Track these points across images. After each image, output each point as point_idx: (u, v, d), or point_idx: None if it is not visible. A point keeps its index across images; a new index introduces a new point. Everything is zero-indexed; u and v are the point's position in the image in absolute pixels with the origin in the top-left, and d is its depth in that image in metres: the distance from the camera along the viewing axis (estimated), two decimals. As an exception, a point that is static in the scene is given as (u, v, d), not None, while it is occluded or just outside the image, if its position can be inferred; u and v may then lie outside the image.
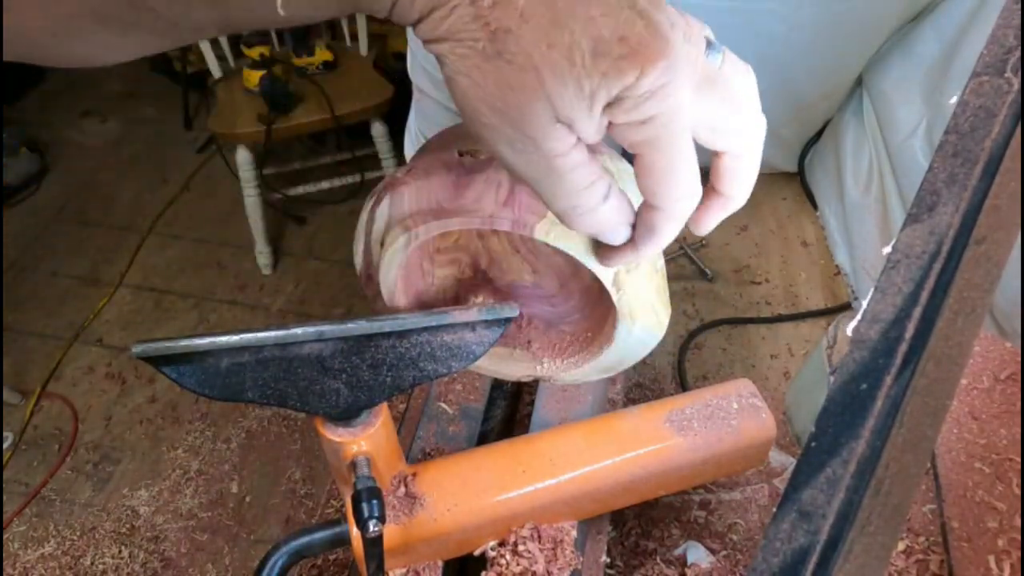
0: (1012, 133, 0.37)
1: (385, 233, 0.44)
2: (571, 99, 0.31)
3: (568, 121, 0.32)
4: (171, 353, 0.40)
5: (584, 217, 0.35)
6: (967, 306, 0.34)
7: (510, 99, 0.31)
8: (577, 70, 0.30)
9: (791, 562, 0.27)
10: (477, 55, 0.31)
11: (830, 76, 1.80)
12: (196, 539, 1.54)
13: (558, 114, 0.31)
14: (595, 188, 0.34)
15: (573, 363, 0.53)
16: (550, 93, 0.31)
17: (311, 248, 2.15)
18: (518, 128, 0.32)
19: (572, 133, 0.32)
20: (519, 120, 0.31)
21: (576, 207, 0.34)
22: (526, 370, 0.54)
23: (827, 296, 1.87)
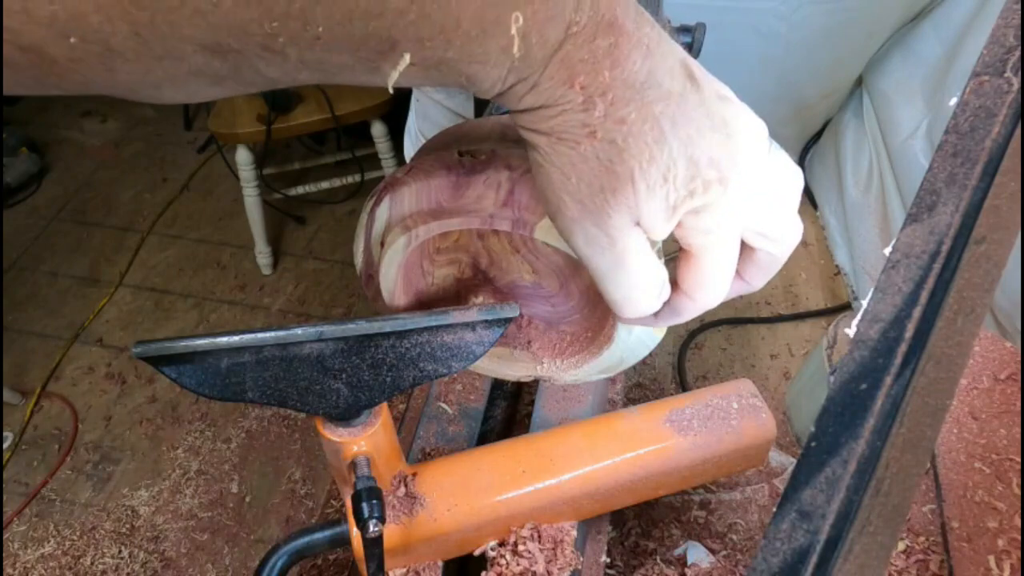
0: (1012, 133, 0.37)
1: (385, 233, 0.44)
2: (656, 210, 0.32)
3: (648, 227, 0.33)
4: (171, 353, 0.40)
5: (635, 307, 0.37)
6: (967, 306, 0.34)
7: (599, 200, 0.32)
8: (668, 186, 0.32)
9: (791, 562, 0.27)
10: (576, 155, 0.32)
11: (830, 76, 1.80)
12: (196, 539, 1.54)
13: (641, 219, 0.33)
14: (653, 286, 0.36)
15: (573, 363, 0.53)
16: (639, 202, 0.32)
17: (311, 248, 2.15)
18: (599, 226, 0.33)
19: (646, 237, 0.34)
20: (601, 219, 0.33)
21: (631, 299, 0.36)
22: (526, 370, 0.54)
23: (827, 296, 1.87)
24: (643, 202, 0.32)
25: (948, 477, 0.72)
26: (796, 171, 0.37)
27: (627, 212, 0.32)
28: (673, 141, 0.31)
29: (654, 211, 0.32)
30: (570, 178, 0.32)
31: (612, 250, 0.34)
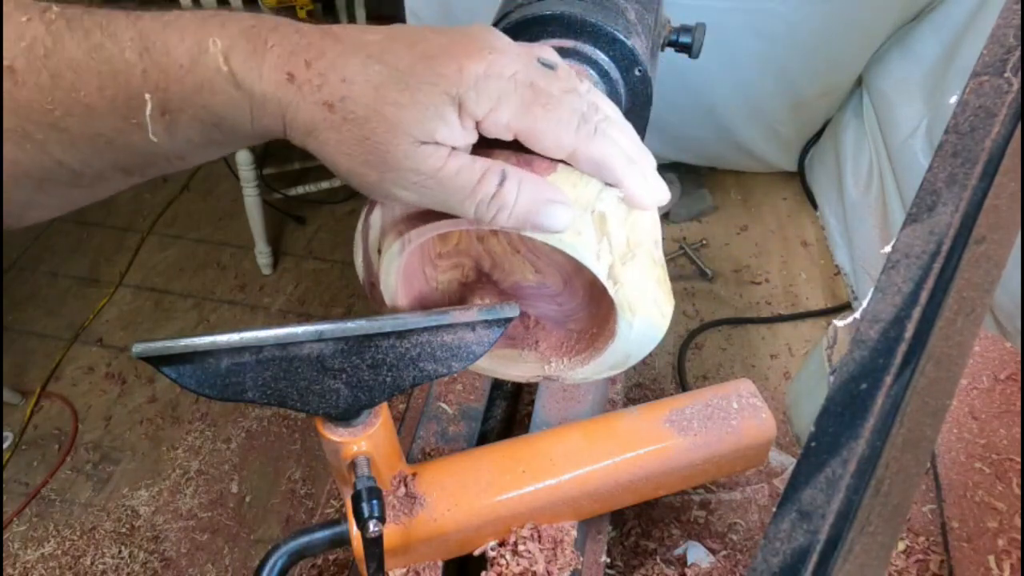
0: (1012, 133, 0.37)
1: (381, 240, 0.44)
2: (417, 118, 0.35)
3: (429, 138, 0.35)
4: (171, 353, 0.40)
5: (493, 209, 0.38)
6: (967, 306, 0.34)
7: (370, 148, 0.35)
8: (409, 91, 0.35)
9: (791, 562, 0.27)
10: (333, 131, 0.35)
11: (830, 76, 1.80)
12: (196, 539, 1.54)
13: (416, 137, 0.35)
14: (487, 179, 0.37)
15: (580, 361, 0.52)
16: (397, 122, 0.35)
17: (311, 248, 2.15)
18: (392, 168, 0.36)
19: (441, 147, 0.36)
20: (388, 161, 0.35)
21: (480, 203, 0.37)
22: (534, 371, 0.54)
23: (827, 296, 1.87)
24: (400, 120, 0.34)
25: (948, 477, 0.72)
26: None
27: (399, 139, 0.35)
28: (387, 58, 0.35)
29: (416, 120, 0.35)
30: (346, 152, 0.36)
31: (420, 177, 0.36)
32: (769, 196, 2.14)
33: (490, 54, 0.36)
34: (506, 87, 0.36)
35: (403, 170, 0.36)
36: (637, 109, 0.59)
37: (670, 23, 0.67)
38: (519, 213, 0.38)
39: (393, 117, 0.34)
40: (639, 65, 0.56)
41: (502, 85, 0.36)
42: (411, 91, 0.35)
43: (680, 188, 2.11)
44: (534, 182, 0.38)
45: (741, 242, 2.02)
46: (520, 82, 0.36)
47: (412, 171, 0.36)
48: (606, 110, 0.41)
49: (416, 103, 0.34)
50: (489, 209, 0.37)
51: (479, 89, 0.35)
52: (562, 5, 0.55)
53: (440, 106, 0.35)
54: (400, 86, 0.35)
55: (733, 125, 1.91)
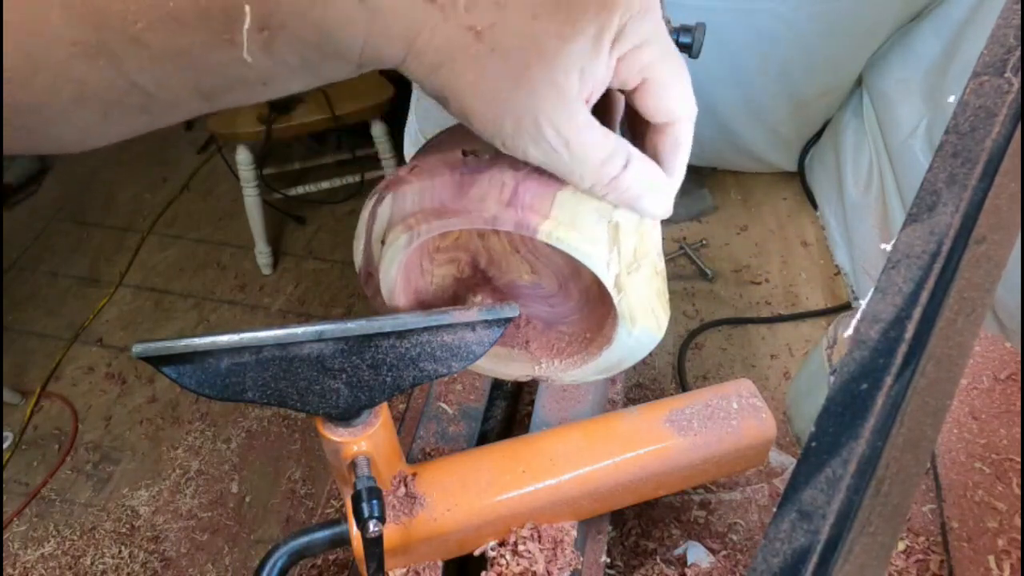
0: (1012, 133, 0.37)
1: (386, 232, 0.44)
2: (574, 51, 0.31)
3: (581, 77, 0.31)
4: (171, 353, 0.40)
5: (609, 188, 0.36)
6: (967, 306, 0.34)
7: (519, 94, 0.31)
8: (571, 22, 0.30)
9: (791, 562, 0.27)
10: (473, 63, 0.31)
11: (830, 76, 1.80)
12: (196, 539, 1.54)
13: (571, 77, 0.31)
14: (614, 159, 0.35)
15: (571, 363, 0.52)
16: (556, 57, 0.30)
17: (311, 248, 2.15)
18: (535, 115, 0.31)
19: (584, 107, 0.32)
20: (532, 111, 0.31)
21: (599, 181, 0.35)
22: (524, 370, 0.54)
23: (827, 296, 1.87)
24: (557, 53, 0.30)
25: (948, 477, 0.72)
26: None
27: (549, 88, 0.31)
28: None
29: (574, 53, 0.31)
30: (487, 93, 0.31)
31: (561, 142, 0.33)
32: (769, 196, 2.14)
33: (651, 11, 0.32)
34: (652, 32, 0.33)
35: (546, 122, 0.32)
36: (637, 109, 0.59)
37: (670, 23, 0.67)
38: (629, 196, 0.37)
39: (551, 53, 0.30)
40: (639, 65, 0.56)
41: (649, 28, 0.32)
42: (573, 21, 0.30)
43: (680, 188, 2.11)
44: (652, 169, 0.37)
45: (741, 242, 2.02)
46: (662, 32, 0.33)
47: (553, 127, 0.32)
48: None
49: (578, 35, 0.30)
50: (606, 187, 0.36)
51: (637, 24, 0.32)
52: (562, 5, 0.55)
53: (599, 40, 0.31)
54: (562, 16, 0.30)
55: (733, 125, 1.91)
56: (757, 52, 1.66)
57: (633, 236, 0.42)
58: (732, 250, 2.00)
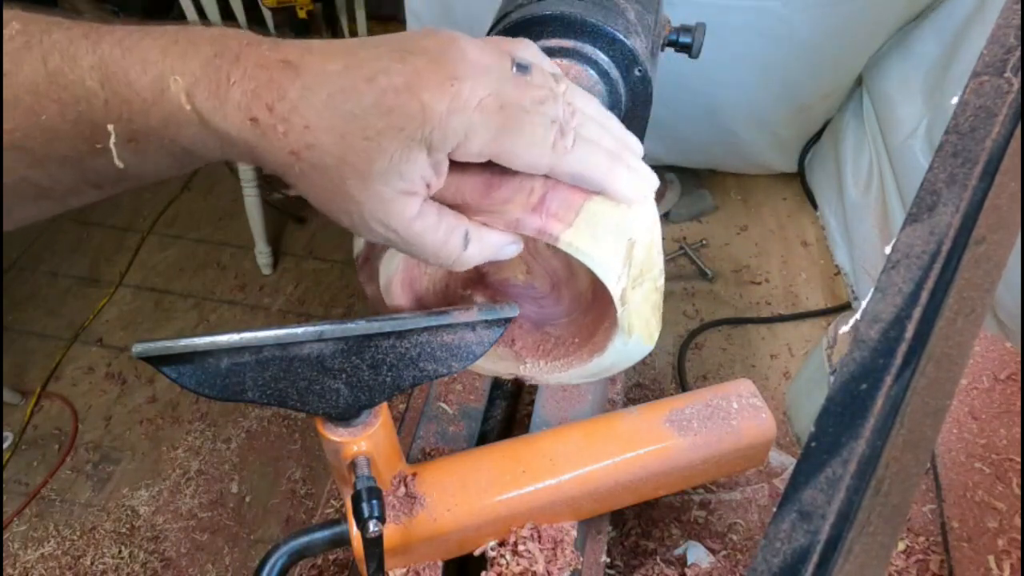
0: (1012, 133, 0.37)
1: None
2: (386, 167, 0.33)
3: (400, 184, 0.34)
4: (171, 353, 0.40)
5: (455, 265, 0.39)
6: (967, 306, 0.34)
7: (342, 196, 0.34)
8: (375, 140, 0.33)
9: (791, 562, 0.27)
10: (303, 177, 0.34)
11: (830, 76, 1.80)
12: (196, 539, 1.54)
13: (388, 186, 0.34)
14: (452, 242, 0.37)
15: (557, 366, 0.53)
16: (366, 173, 0.33)
17: (311, 248, 2.15)
18: (363, 217, 0.35)
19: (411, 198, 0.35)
20: (360, 210, 0.35)
21: (443, 261, 0.38)
22: (508, 368, 0.54)
23: (827, 296, 1.87)
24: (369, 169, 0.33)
25: (948, 477, 0.72)
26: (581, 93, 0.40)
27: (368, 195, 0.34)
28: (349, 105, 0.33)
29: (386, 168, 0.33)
30: (320, 198, 0.35)
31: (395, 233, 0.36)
32: (769, 196, 2.14)
33: (453, 84, 0.33)
34: (473, 118, 0.34)
35: (374, 221, 0.35)
36: (637, 109, 0.59)
37: (670, 23, 0.67)
38: (475, 260, 0.39)
39: (362, 168, 0.33)
40: (639, 65, 0.56)
41: (467, 118, 0.33)
42: (377, 139, 0.33)
43: (680, 188, 2.11)
44: (492, 238, 0.39)
45: (741, 242, 2.02)
46: (489, 108, 0.34)
47: (381, 224, 0.35)
48: (584, 108, 0.39)
49: (383, 152, 0.33)
50: (452, 262, 0.38)
51: (444, 127, 0.33)
52: (562, 5, 0.55)
53: (408, 151, 0.33)
54: (366, 133, 0.33)
55: (733, 126, 1.91)
56: (758, 52, 1.66)
57: (643, 252, 0.43)
58: (732, 250, 2.00)
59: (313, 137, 0.33)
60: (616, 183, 0.39)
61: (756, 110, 1.87)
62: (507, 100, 0.35)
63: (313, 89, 0.33)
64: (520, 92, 0.35)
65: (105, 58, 0.33)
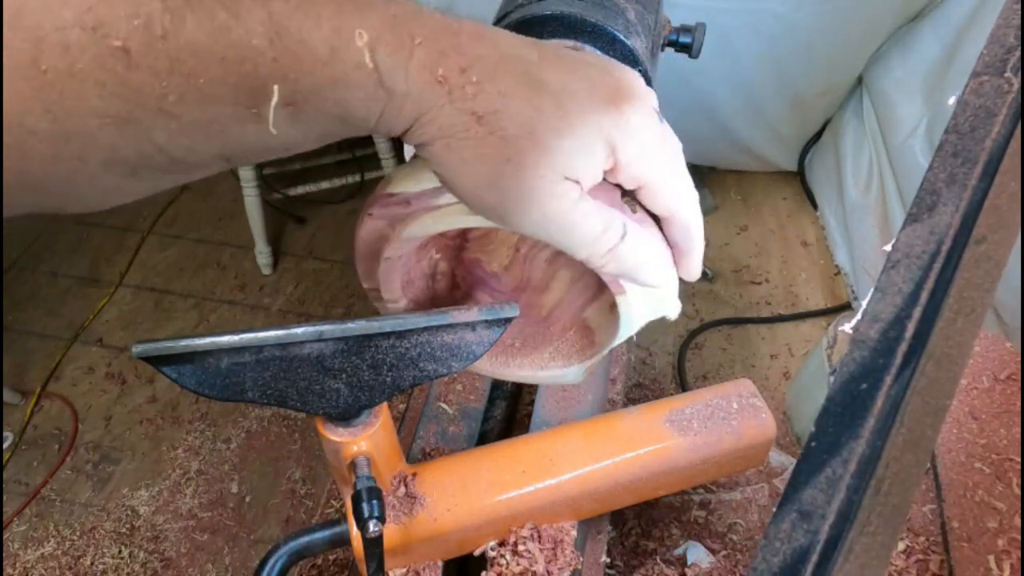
0: (1012, 133, 0.37)
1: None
2: (572, 149, 0.33)
3: (574, 173, 0.34)
4: (171, 353, 0.40)
5: (606, 260, 0.37)
6: (967, 306, 0.34)
7: (509, 170, 0.33)
8: (569, 121, 0.33)
9: (791, 562, 0.27)
10: (471, 142, 0.33)
11: (830, 76, 1.80)
12: (196, 539, 1.54)
13: (563, 170, 0.33)
14: (609, 232, 0.36)
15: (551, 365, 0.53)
16: (548, 149, 0.33)
17: (311, 248, 2.15)
18: (521, 197, 0.34)
19: (574, 187, 0.34)
20: (522, 188, 0.33)
21: (595, 253, 0.37)
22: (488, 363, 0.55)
23: (827, 296, 1.87)
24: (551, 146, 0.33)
25: (948, 477, 0.72)
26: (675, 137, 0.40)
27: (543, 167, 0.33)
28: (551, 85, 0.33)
29: (568, 151, 0.33)
30: (478, 170, 0.33)
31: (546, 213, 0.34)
32: (769, 196, 2.14)
33: (642, 104, 0.35)
34: (651, 140, 0.36)
35: (532, 203, 0.34)
36: (637, 109, 0.59)
37: (670, 23, 0.67)
38: (627, 268, 0.38)
39: (547, 143, 0.32)
40: (639, 65, 0.56)
41: (649, 137, 0.35)
42: (572, 121, 0.33)
43: (680, 188, 2.11)
44: (648, 242, 0.38)
45: (741, 242, 2.02)
46: (660, 136, 0.36)
47: (539, 207, 0.34)
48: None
49: (575, 134, 0.33)
50: (603, 259, 0.37)
51: (633, 136, 0.34)
52: (562, 5, 0.55)
53: (595, 143, 0.34)
54: (562, 113, 0.33)
55: (733, 125, 1.91)
56: (757, 52, 1.66)
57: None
58: (732, 250, 2.00)
59: (504, 103, 0.32)
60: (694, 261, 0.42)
61: (756, 109, 1.87)
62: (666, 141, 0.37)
63: (510, 62, 0.33)
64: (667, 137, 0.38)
65: (275, 12, 0.31)
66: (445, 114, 0.32)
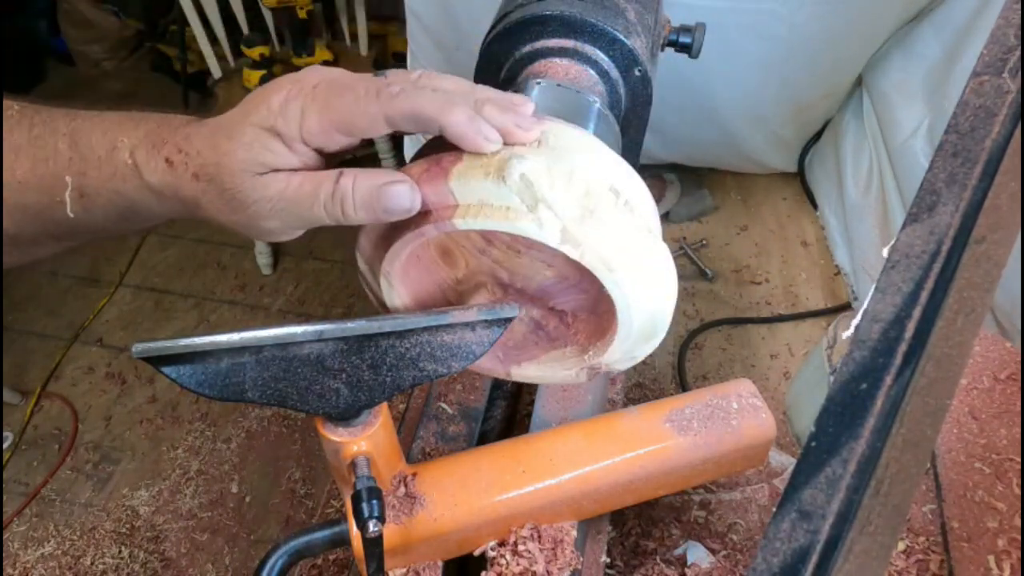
0: (1012, 133, 0.37)
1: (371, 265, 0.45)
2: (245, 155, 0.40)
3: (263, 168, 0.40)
4: (171, 353, 0.40)
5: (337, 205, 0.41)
6: (967, 306, 0.34)
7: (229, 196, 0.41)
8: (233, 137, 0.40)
9: (791, 562, 0.27)
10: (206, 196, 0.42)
11: (830, 76, 1.80)
12: (196, 539, 1.54)
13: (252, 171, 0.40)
14: (324, 182, 0.41)
15: (606, 342, 0.50)
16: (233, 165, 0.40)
17: (311, 248, 2.15)
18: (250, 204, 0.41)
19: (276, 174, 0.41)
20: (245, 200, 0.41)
21: (325, 204, 0.41)
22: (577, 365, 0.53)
23: (827, 296, 1.87)
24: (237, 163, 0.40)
25: (948, 477, 0.72)
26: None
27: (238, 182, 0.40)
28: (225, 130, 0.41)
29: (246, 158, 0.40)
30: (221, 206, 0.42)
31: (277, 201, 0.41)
32: (769, 196, 2.14)
33: (291, 83, 0.41)
34: (305, 100, 0.40)
35: (256, 201, 0.41)
36: (637, 109, 0.59)
37: (670, 23, 0.67)
38: (361, 201, 0.40)
39: (229, 163, 0.40)
40: (639, 65, 0.56)
41: (301, 101, 0.40)
42: (236, 137, 0.40)
43: (680, 188, 2.11)
44: (369, 173, 0.41)
45: (741, 242, 2.02)
46: (320, 89, 0.40)
47: (263, 200, 0.41)
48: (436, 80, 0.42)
49: (241, 144, 0.40)
50: (335, 206, 0.41)
51: (285, 113, 0.40)
52: (562, 5, 0.55)
53: (261, 139, 0.40)
54: (228, 137, 0.40)
55: (733, 126, 1.91)
56: (757, 53, 1.66)
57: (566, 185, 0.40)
58: (732, 250, 2.00)
59: (200, 156, 0.41)
60: (453, 119, 0.40)
61: (756, 109, 1.86)
62: (337, 80, 0.41)
63: (207, 128, 0.42)
64: (354, 79, 0.41)
65: (77, 128, 0.44)
66: (184, 188, 0.42)
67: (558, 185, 0.40)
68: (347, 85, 0.40)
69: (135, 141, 0.43)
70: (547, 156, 0.40)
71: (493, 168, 0.40)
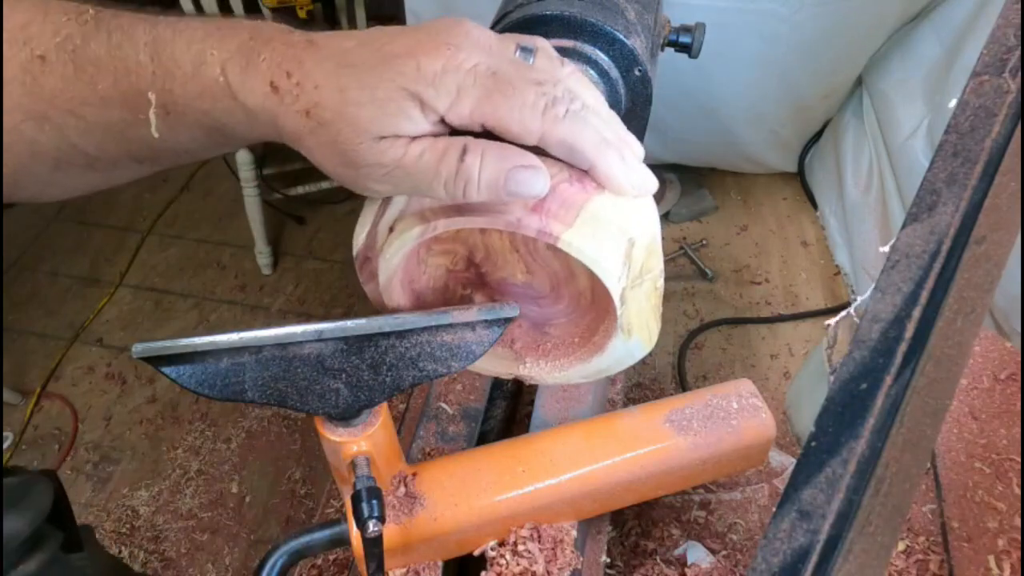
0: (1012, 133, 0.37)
1: (397, 220, 0.44)
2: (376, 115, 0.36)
3: (389, 133, 0.37)
4: (171, 353, 0.40)
5: (460, 184, 0.38)
6: (967, 306, 0.34)
7: (341, 148, 0.37)
8: (368, 90, 0.36)
9: (791, 562, 0.27)
10: (312, 136, 0.38)
11: (830, 76, 1.80)
12: (196, 539, 1.54)
13: (375, 133, 0.36)
14: (448, 156, 0.37)
15: (556, 366, 0.53)
16: (357, 121, 0.36)
17: (311, 248, 2.15)
18: (361, 164, 0.37)
19: (400, 138, 0.37)
20: (356, 159, 0.37)
21: (446, 181, 0.38)
22: (508, 368, 0.54)
23: (827, 296, 1.87)
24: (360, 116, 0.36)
25: (948, 477, 0.72)
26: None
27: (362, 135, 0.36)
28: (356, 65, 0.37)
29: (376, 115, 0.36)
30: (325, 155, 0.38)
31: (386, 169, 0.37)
32: (769, 196, 2.14)
33: (448, 49, 0.36)
34: (465, 80, 0.36)
35: (370, 165, 0.37)
36: (637, 109, 0.59)
37: (670, 23, 0.67)
38: (487, 183, 0.37)
39: (354, 117, 0.36)
40: (639, 65, 0.56)
41: (460, 78, 0.36)
42: (370, 89, 0.36)
43: (680, 188, 2.11)
44: (498, 149, 0.37)
45: (741, 242, 2.02)
46: (480, 73, 0.37)
47: (378, 165, 0.37)
48: (585, 98, 0.40)
49: (375, 100, 0.36)
50: (457, 185, 0.37)
51: (437, 84, 0.36)
52: (562, 5, 0.55)
53: (399, 101, 0.36)
54: (360, 86, 0.36)
55: (733, 126, 1.91)
56: (757, 53, 1.66)
57: (643, 253, 0.43)
58: (732, 250, 2.00)
59: (319, 95, 0.36)
60: (607, 163, 0.39)
61: (756, 110, 1.86)
62: (501, 70, 0.37)
63: (327, 58, 0.37)
64: (516, 68, 0.38)
65: (158, 37, 0.39)
66: (287, 118, 0.37)
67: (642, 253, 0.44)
68: (514, 85, 0.37)
69: (225, 55, 0.38)
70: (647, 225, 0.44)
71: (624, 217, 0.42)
